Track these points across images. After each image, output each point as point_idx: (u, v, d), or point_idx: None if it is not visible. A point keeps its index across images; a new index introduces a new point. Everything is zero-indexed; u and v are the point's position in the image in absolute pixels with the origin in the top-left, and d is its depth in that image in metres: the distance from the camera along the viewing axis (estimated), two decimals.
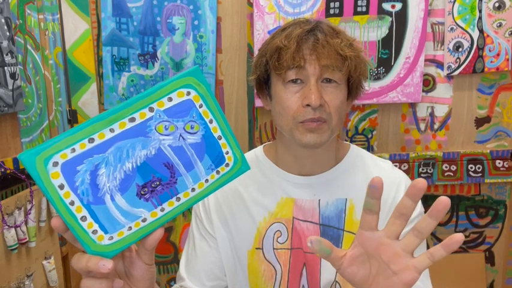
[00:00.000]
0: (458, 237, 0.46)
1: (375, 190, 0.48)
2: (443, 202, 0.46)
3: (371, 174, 0.80)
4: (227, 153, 0.54)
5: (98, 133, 0.46)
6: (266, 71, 0.76)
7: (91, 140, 0.45)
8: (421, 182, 0.47)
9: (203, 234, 0.82)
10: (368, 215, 0.50)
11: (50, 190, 0.44)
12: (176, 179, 0.51)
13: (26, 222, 1.04)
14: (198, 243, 0.82)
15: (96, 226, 0.47)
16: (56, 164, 0.44)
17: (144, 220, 0.49)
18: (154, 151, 0.49)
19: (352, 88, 0.77)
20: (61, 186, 0.44)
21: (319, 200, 0.78)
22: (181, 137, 0.50)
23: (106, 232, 0.47)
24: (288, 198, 0.79)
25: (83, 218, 0.46)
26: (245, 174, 0.56)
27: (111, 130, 0.46)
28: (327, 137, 0.73)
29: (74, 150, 0.45)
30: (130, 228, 0.49)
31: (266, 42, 0.77)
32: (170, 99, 0.49)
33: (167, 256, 1.42)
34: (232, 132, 0.54)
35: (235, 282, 0.81)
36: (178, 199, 0.51)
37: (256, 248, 0.79)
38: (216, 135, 0.53)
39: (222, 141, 0.53)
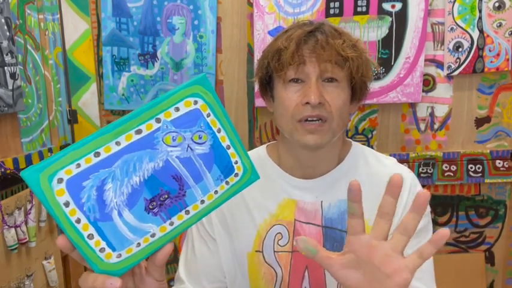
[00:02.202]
0: (444, 232, 0.47)
1: (354, 193, 0.49)
2: (423, 195, 0.47)
3: (374, 172, 0.79)
4: (236, 162, 0.52)
5: (103, 147, 0.44)
6: (267, 73, 0.77)
7: (97, 154, 0.44)
8: (396, 179, 0.47)
9: (203, 236, 0.81)
10: (352, 219, 0.50)
11: (55, 208, 0.42)
12: (185, 192, 0.49)
13: (26, 222, 1.04)
14: (198, 245, 0.81)
15: (103, 244, 0.45)
16: (60, 180, 0.42)
17: (153, 235, 0.48)
18: (162, 163, 0.47)
19: (356, 89, 0.76)
20: (66, 204, 0.43)
21: (322, 202, 0.78)
22: (189, 148, 0.48)
23: (114, 250, 0.46)
24: (289, 199, 0.78)
25: (90, 236, 0.44)
26: None
27: (117, 143, 0.44)
28: (328, 139, 0.72)
29: (79, 165, 0.43)
30: (139, 244, 0.47)
31: (269, 44, 0.77)
32: (177, 109, 0.47)
33: None
34: (241, 140, 0.53)
35: (235, 284, 0.81)
36: (187, 212, 0.50)
37: (256, 251, 0.78)
38: (224, 144, 0.51)
39: (231, 151, 0.52)
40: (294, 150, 0.77)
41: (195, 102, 0.49)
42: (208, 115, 0.50)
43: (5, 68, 1.01)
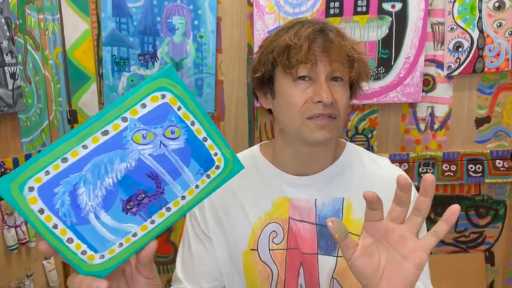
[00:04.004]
0: (455, 208, 0.49)
1: (371, 202, 0.51)
2: (428, 179, 0.49)
3: (368, 171, 0.79)
4: (216, 154, 0.51)
5: (70, 152, 0.43)
6: (273, 69, 0.76)
7: (64, 160, 0.43)
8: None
9: (198, 235, 0.81)
10: (373, 211, 0.52)
11: (30, 216, 0.43)
12: (163, 189, 0.48)
13: (26, 222, 1.04)
14: (194, 244, 0.81)
15: (84, 246, 0.45)
16: (31, 189, 0.42)
17: (134, 235, 0.48)
18: (134, 163, 0.46)
19: (353, 89, 0.78)
20: (41, 211, 0.43)
21: (316, 200, 0.78)
22: (162, 144, 0.47)
23: (96, 251, 0.46)
24: (283, 197, 0.78)
25: (69, 240, 0.44)
26: (240, 173, 0.54)
27: (84, 147, 0.44)
28: (335, 135, 0.73)
29: (48, 172, 0.43)
30: (121, 244, 0.47)
31: (270, 39, 0.76)
32: (144, 106, 0.46)
33: (167, 256, 1.42)
34: (219, 131, 0.51)
35: (232, 283, 0.81)
36: (168, 209, 0.49)
37: (251, 249, 0.78)
38: (200, 137, 0.50)
39: (209, 143, 0.50)
40: (293, 146, 0.77)
41: (163, 96, 0.47)
42: (179, 108, 0.48)
43: (5, 68, 1.01)
